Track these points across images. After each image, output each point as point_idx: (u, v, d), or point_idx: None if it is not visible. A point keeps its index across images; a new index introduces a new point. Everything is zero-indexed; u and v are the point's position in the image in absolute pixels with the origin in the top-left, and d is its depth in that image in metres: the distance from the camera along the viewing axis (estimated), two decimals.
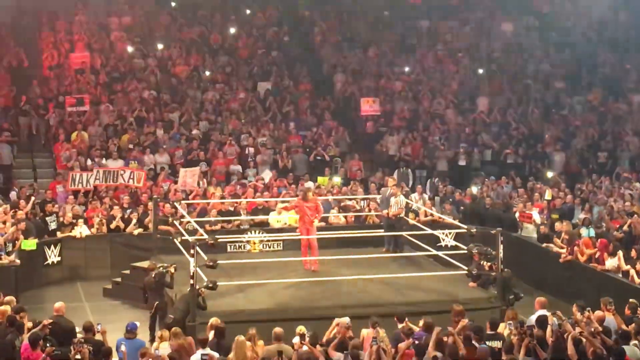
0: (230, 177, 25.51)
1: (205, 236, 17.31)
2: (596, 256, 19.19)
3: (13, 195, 23.17)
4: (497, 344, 12.79)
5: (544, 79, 32.09)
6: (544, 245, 20.95)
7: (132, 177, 23.30)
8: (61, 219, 21.89)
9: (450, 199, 24.31)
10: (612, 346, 12.35)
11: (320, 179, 25.27)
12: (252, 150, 26.75)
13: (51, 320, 13.48)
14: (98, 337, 13.24)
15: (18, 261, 19.16)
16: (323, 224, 21.24)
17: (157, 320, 16.39)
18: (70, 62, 29.56)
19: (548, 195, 23.31)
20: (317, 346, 12.86)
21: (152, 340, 15.52)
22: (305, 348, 12.70)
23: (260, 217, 22.33)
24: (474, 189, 24.79)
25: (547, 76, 32.25)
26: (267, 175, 25.51)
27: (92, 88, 28.53)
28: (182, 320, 15.26)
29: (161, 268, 16.73)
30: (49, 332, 13.13)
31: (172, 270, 16.78)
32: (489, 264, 17.63)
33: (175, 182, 23.84)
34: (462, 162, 27.54)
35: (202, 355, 12.11)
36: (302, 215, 18.64)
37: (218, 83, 30.26)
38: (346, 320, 13.50)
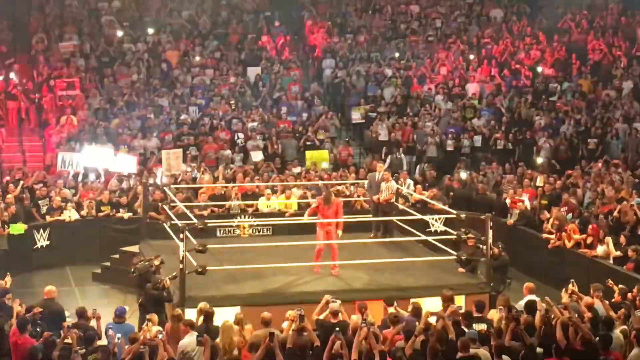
0: (220, 162, 25.46)
1: (195, 220, 17.27)
2: (588, 242, 19.25)
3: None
4: (482, 327, 12.80)
5: (534, 65, 32.03)
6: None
7: (123, 163, 23.21)
8: (51, 203, 21.88)
9: (438, 185, 24.31)
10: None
11: (308, 154, 25.44)
12: (241, 135, 26.72)
13: (41, 310, 13.41)
14: (93, 322, 13.16)
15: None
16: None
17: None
18: (59, 48, 29.43)
19: (539, 181, 23.29)
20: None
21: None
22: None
23: (249, 202, 22.35)
24: (463, 175, 24.78)
25: (537, 62, 32.18)
26: (258, 158, 25.56)
27: (81, 72, 28.43)
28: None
29: (142, 262, 16.12)
30: (39, 317, 13.12)
31: (157, 262, 16.09)
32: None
33: None
34: (450, 148, 27.50)
35: (198, 337, 11.91)
36: (322, 218, 17.51)
37: (208, 68, 30.17)
38: (336, 304, 13.46)
